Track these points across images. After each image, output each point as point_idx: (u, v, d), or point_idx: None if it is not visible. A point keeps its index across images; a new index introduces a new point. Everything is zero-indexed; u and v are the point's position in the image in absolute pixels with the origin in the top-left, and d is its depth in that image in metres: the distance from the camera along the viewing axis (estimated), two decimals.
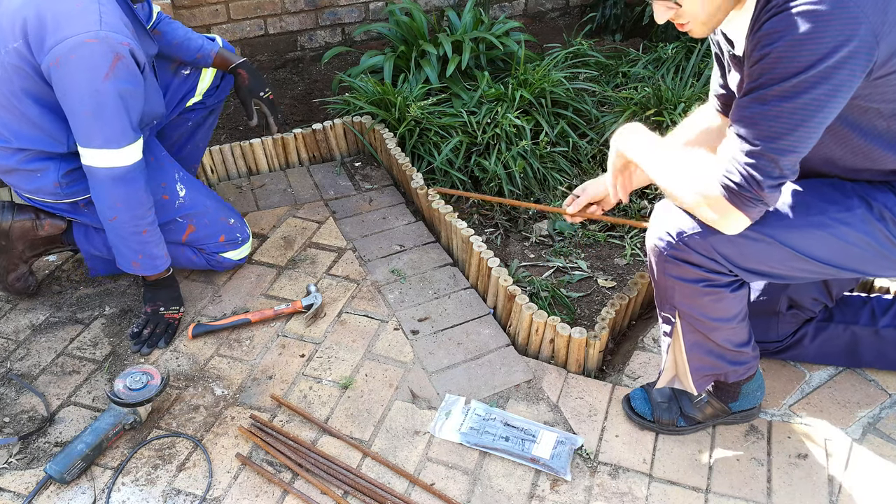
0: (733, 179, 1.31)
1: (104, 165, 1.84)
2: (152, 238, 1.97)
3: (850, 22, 1.19)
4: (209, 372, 1.98)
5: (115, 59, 1.74)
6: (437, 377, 1.95)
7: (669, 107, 2.65)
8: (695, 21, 1.42)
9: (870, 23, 1.20)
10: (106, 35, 1.73)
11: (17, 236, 2.10)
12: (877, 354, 1.87)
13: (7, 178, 2.00)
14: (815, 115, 1.25)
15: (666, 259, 1.51)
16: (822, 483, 1.68)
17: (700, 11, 1.40)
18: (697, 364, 1.65)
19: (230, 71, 2.27)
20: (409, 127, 2.70)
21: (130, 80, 1.80)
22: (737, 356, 1.65)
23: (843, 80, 1.23)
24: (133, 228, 1.92)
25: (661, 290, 1.59)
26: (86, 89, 1.74)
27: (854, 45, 1.20)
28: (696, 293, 1.52)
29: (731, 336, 1.60)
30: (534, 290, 2.23)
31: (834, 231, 1.43)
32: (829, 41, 1.20)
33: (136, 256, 1.98)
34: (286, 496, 1.67)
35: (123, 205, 1.88)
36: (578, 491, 1.68)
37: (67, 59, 1.71)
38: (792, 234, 1.43)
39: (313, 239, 2.45)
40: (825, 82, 1.22)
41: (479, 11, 3.21)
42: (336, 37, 3.55)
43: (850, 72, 1.22)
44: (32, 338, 2.10)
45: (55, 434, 1.82)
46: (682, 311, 1.58)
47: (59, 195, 2.00)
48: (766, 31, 1.25)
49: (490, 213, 2.57)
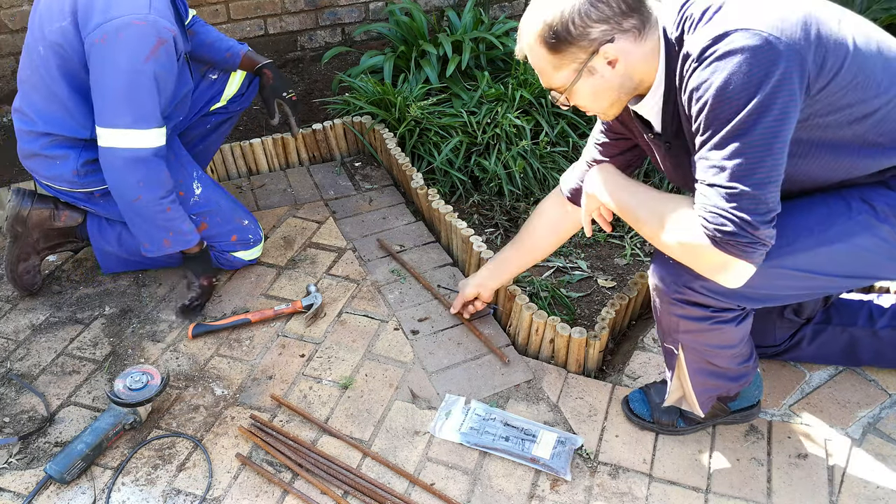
0: (725, 230, 1.26)
1: (127, 146, 1.86)
2: (177, 214, 2.01)
3: (769, 49, 1.21)
4: (209, 372, 1.98)
5: (158, 43, 1.80)
6: (437, 377, 1.95)
7: None
8: (595, 113, 1.48)
9: (788, 44, 1.22)
10: (154, 19, 1.79)
11: (33, 224, 2.14)
12: (875, 355, 1.87)
13: (27, 163, 2.04)
14: (775, 141, 1.24)
15: (671, 301, 1.49)
16: (822, 483, 1.68)
17: (593, 107, 1.45)
18: (702, 388, 1.64)
19: (256, 71, 2.31)
20: (409, 127, 2.70)
21: (168, 66, 1.85)
22: (739, 372, 1.64)
23: (786, 101, 1.23)
24: (157, 207, 1.95)
25: (665, 326, 1.57)
26: (124, 68, 1.79)
27: (783, 66, 1.21)
28: (701, 329, 1.51)
29: (734, 357, 1.59)
30: (534, 290, 2.23)
31: (842, 244, 1.40)
32: (758, 71, 1.21)
33: (167, 234, 2.01)
34: (286, 496, 1.67)
35: (145, 185, 1.91)
36: (578, 491, 1.68)
37: (114, 38, 1.76)
38: (798, 258, 1.40)
39: (313, 239, 2.45)
40: (771, 109, 1.22)
41: (479, 11, 3.21)
42: (336, 37, 3.55)
43: (790, 91, 1.23)
44: (32, 338, 2.10)
45: (55, 434, 1.82)
46: (686, 344, 1.57)
47: (75, 183, 2.03)
48: (696, 85, 1.27)
49: (490, 214, 2.57)
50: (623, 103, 1.45)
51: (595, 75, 1.38)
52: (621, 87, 1.41)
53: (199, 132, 2.39)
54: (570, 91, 1.42)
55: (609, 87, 1.40)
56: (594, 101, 1.44)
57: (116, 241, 2.20)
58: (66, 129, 1.94)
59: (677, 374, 1.65)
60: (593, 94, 1.42)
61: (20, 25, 3.00)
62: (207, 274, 2.18)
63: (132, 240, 2.19)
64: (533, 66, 1.44)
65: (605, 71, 1.37)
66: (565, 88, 1.42)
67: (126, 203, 1.94)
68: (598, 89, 1.41)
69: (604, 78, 1.38)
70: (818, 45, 1.26)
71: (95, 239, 2.20)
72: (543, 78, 1.45)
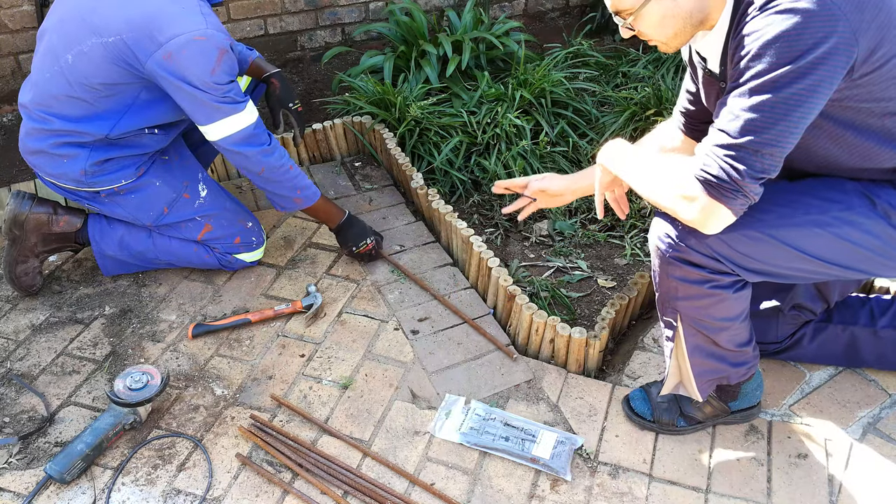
0: (710, 171, 1.31)
1: (233, 131, 1.97)
2: (297, 170, 2.13)
3: (828, 19, 1.21)
4: (209, 372, 1.98)
5: (220, 54, 1.88)
6: (437, 377, 1.95)
7: (669, 106, 2.65)
8: (655, 40, 1.46)
9: (848, 21, 1.22)
10: (213, 33, 1.86)
11: (31, 228, 2.14)
12: (876, 356, 1.87)
13: (31, 159, 2.05)
14: (796, 109, 1.26)
15: (668, 260, 1.50)
16: (822, 483, 1.68)
17: (657, 34, 1.44)
18: (700, 369, 1.64)
19: (263, 79, 2.31)
20: (409, 127, 2.70)
21: (232, 67, 1.94)
22: (738, 357, 1.64)
23: (823, 77, 1.24)
24: (281, 169, 2.07)
25: (664, 292, 1.58)
26: (196, 83, 1.87)
27: (833, 41, 1.22)
28: (699, 294, 1.52)
29: (733, 336, 1.60)
30: (534, 290, 2.23)
31: (836, 230, 1.42)
32: (809, 38, 1.22)
33: (296, 192, 2.14)
34: (286, 496, 1.67)
35: (262, 154, 2.02)
36: (578, 491, 1.68)
37: (178, 55, 1.83)
38: (793, 234, 1.43)
39: (313, 239, 2.46)
40: (805, 78, 1.23)
41: (479, 11, 3.21)
42: (336, 37, 3.55)
43: (831, 69, 1.24)
44: (32, 338, 2.10)
45: (55, 434, 1.82)
46: (685, 314, 1.58)
47: (81, 182, 2.04)
48: (748, 32, 1.28)
49: (490, 214, 2.57)
50: (687, 36, 1.44)
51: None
52: (689, 17, 1.40)
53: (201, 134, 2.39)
54: (638, 14, 1.40)
55: (678, 14, 1.39)
56: (660, 27, 1.42)
57: (118, 245, 2.20)
58: (89, 125, 1.95)
59: (675, 354, 1.65)
60: (661, 19, 1.40)
61: (20, 25, 3.00)
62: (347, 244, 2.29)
63: (134, 243, 2.19)
64: None
65: None
66: (634, 10, 1.40)
67: (254, 176, 2.07)
68: (667, 14, 1.39)
69: (675, 3, 1.38)
70: (879, 29, 1.25)
71: (96, 243, 2.20)
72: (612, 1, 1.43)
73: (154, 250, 2.21)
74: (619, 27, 1.47)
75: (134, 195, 2.11)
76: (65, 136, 1.97)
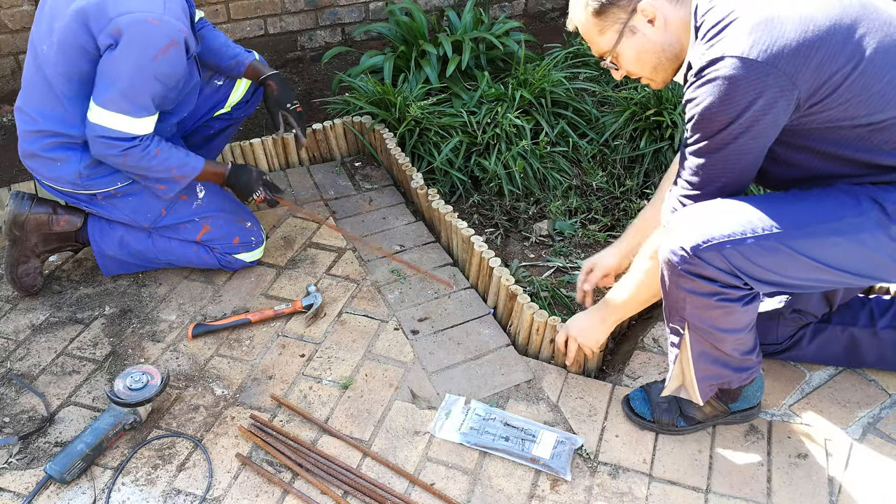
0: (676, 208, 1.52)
1: (115, 128, 1.88)
2: (169, 151, 2.01)
3: (756, 78, 1.32)
4: (209, 372, 1.98)
5: (169, 44, 1.82)
6: (437, 377, 1.95)
7: (669, 107, 2.65)
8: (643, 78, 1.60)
9: (779, 70, 1.31)
10: (168, 20, 1.81)
11: (31, 228, 2.14)
12: (877, 357, 1.87)
13: (28, 163, 2.05)
14: (744, 158, 1.41)
15: (679, 273, 1.49)
16: (822, 483, 1.68)
17: (640, 70, 1.58)
18: (703, 374, 1.64)
19: (260, 82, 2.31)
20: (409, 127, 2.70)
21: (176, 65, 1.89)
22: (742, 363, 1.64)
23: (765, 126, 1.37)
24: (147, 156, 1.96)
25: (672, 302, 1.57)
26: (132, 62, 1.82)
27: (767, 96, 1.33)
28: (708, 306, 1.51)
29: (738, 345, 1.59)
30: (534, 290, 2.23)
31: (851, 237, 1.42)
32: (741, 100, 1.33)
33: (172, 172, 2.03)
34: (286, 496, 1.67)
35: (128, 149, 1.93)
36: (578, 491, 1.68)
37: (126, 31, 1.79)
38: (808, 244, 1.42)
39: (313, 239, 2.46)
40: (747, 132, 1.36)
41: (479, 11, 3.21)
42: (336, 37, 3.55)
43: (773, 116, 1.35)
44: (32, 338, 2.10)
45: (55, 434, 1.82)
46: (692, 323, 1.57)
47: (78, 185, 2.04)
48: (689, 98, 1.42)
49: (490, 214, 2.57)
50: (667, 70, 1.56)
51: (637, 34, 1.51)
52: (663, 50, 1.53)
53: (202, 137, 2.41)
54: (616, 54, 1.56)
55: (651, 48, 1.52)
56: (638, 62, 1.56)
57: (118, 245, 2.20)
58: (63, 125, 1.94)
59: (679, 358, 1.64)
60: (637, 54, 1.54)
61: (20, 25, 3.00)
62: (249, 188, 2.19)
63: (134, 242, 2.19)
64: (582, 34, 1.60)
65: (645, 29, 1.50)
66: (611, 51, 1.55)
67: (120, 166, 1.97)
68: (640, 49, 1.53)
69: (645, 36, 1.51)
70: (818, 66, 1.32)
71: (96, 243, 2.20)
72: (593, 45, 1.59)
73: (154, 250, 2.21)
74: (609, 70, 1.61)
75: (131, 197, 2.11)
76: (53, 136, 1.96)
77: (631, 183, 2.62)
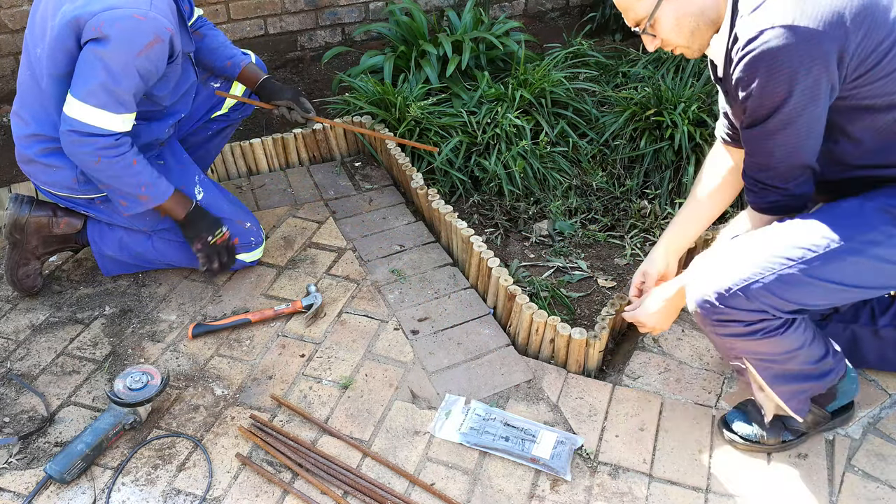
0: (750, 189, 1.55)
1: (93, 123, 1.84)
2: (144, 167, 1.95)
3: (806, 44, 1.30)
4: (209, 372, 1.98)
5: (154, 41, 1.81)
6: (437, 377, 1.95)
7: (669, 107, 2.65)
8: (679, 47, 1.55)
9: (829, 36, 1.30)
10: (154, 17, 1.81)
11: (32, 231, 2.14)
12: (878, 356, 1.87)
13: (26, 168, 2.05)
14: (816, 126, 1.41)
15: (713, 323, 1.51)
16: (822, 483, 1.68)
17: (675, 38, 1.53)
18: (787, 394, 1.62)
19: (255, 91, 2.31)
20: (409, 127, 2.70)
21: (159, 63, 1.87)
22: (819, 370, 1.61)
23: (821, 91, 1.35)
24: (121, 162, 1.90)
25: (720, 346, 1.60)
26: (116, 57, 1.80)
27: (819, 61, 1.31)
28: (754, 342, 1.51)
29: (806, 359, 1.57)
30: (534, 290, 2.23)
31: (867, 254, 1.42)
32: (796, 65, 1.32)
33: (140, 189, 1.96)
34: (286, 496, 1.67)
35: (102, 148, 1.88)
36: (578, 491, 1.68)
37: (111, 26, 1.77)
38: (827, 269, 1.42)
39: (313, 239, 2.46)
40: (810, 102, 1.36)
41: (479, 11, 3.21)
42: (336, 37, 3.55)
43: (827, 80, 1.34)
44: (32, 338, 2.10)
45: (55, 434, 1.82)
46: (749, 358, 1.57)
47: (75, 190, 2.04)
48: (738, 78, 1.40)
49: (490, 214, 2.57)
50: (705, 35, 1.52)
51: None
52: (702, 13, 1.48)
53: (200, 138, 2.41)
54: (654, 21, 1.49)
55: (691, 12, 1.48)
56: (677, 28, 1.50)
57: (117, 246, 2.20)
58: (56, 129, 1.93)
59: (757, 387, 1.64)
60: (676, 20, 1.49)
61: (20, 25, 3.00)
62: (200, 236, 2.11)
63: (134, 244, 2.19)
64: (618, 5, 1.54)
65: None
66: (649, 17, 1.49)
67: (90, 168, 1.91)
68: (680, 13, 1.48)
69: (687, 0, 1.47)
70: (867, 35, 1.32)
71: (96, 244, 2.20)
72: (629, 14, 1.53)
73: (154, 252, 2.21)
74: (643, 39, 1.55)
75: None
76: (48, 141, 1.96)
77: (631, 183, 2.62)
